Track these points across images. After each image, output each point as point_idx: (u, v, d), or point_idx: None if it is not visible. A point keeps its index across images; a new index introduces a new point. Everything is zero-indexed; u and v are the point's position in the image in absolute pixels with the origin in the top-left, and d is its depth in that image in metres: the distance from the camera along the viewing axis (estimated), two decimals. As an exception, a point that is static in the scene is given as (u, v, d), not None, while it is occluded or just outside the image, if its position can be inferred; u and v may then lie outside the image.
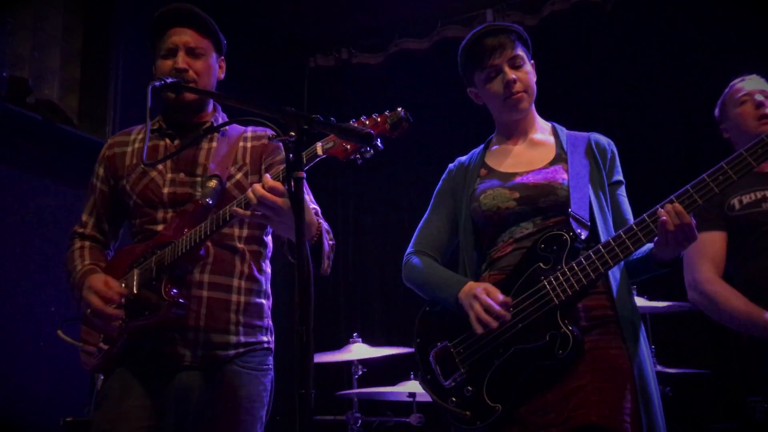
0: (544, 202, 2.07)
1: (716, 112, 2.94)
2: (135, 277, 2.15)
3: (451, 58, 2.47)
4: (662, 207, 1.87)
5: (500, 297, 1.98)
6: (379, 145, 1.72)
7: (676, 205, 1.84)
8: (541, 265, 1.99)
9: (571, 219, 2.01)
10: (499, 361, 1.98)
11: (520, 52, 2.21)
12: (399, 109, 1.74)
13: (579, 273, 1.93)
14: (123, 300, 2.11)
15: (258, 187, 1.86)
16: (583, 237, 1.99)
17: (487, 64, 2.19)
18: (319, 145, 1.81)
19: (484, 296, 1.98)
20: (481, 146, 2.36)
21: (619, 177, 2.21)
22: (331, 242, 2.11)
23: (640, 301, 3.52)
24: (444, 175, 2.37)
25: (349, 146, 1.77)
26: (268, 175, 1.89)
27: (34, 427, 3.35)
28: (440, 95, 5.25)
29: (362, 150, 1.76)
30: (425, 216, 2.36)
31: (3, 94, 3.28)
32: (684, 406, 3.82)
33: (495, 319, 1.96)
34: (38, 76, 3.94)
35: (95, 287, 2.12)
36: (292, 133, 1.48)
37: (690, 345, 4.24)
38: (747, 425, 3.35)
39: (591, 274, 1.92)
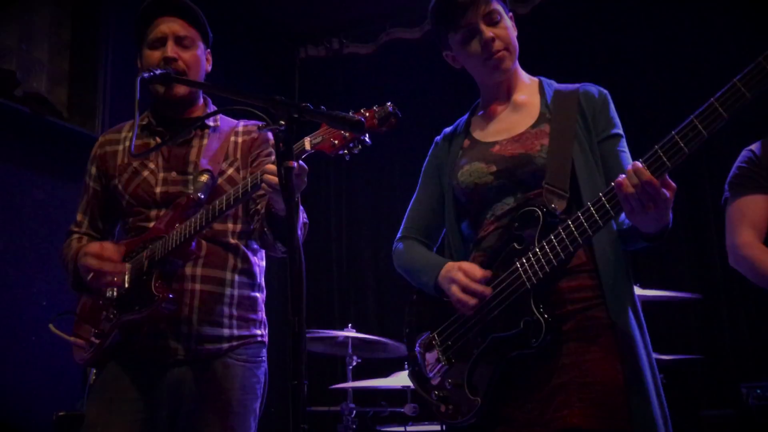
0: (521, 174, 1.88)
1: None
2: (126, 272, 2.14)
3: (443, 46, 2.42)
4: None
5: (478, 273, 1.82)
6: (367, 140, 1.71)
7: (636, 163, 1.60)
8: (515, 245, 1.81)
9: (545, 191, 1.82)
10: (478, 351, 1.83)
11: (496, 6, 1.98)
12: (387, 103, 1.71)
13: (549, 253, 1.73)
14: (121, 258, 2.12)
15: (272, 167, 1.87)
16: (558, 212, 1.78)
17: (461, 23, 1.97)
18: (307, 139, 1.79)
19: (460, 275, 1.82)
20: (467, 114, 2.18)
21: (616, 130, 1.95)
22: (305, 220, 2.10)
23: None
24: (431, 149, 2.20)
25: (336, 141, 1.75)
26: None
27: (26, 421, 3.34)
28: (432, 85, 5.24)
29: (350, 145, 1.75)
30: (414, 196, 2.21)
31: (-10, 87, 3.25)
32: (678, 393, 3.84)
33: (473, 297, 1.80)
34: (26, 69, 3.90)
35: (91, 251, 2.14)
36: (282, 122, 1.46)
37: (682, 331, 4.27)
38: (741, 412, 3.38)
39: (560, 253, 1.72)
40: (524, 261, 1.77)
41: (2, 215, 3.49)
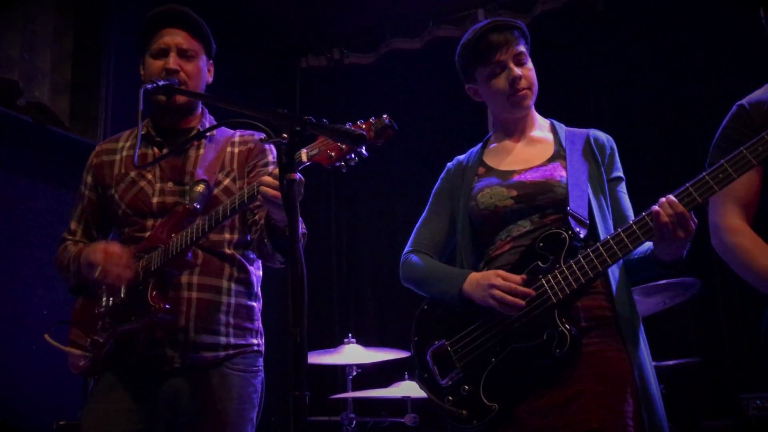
0: (541, 200, 2.06)
1: None
2: (139, 268, 2.14)
3: (443, 57, 2.47)
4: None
5: (517, 277, 1.97)
6: (364, 152, 1.72)
7: (670, 196, 1.83)
8: (540, 263, 1.98)
9: (569, 217, 2.00)
10: (496, 359, 1.96)
11: (524, 48, 2.20)
12: (384, 116, 1.73)
13: (577, 272, 1.92)
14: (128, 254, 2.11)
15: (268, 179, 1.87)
16: (582, 235, 1.98)
17: (493, 60, 2.16)
18: (304, 151, 1.81)
19: (499, 280, 1.96)
20: (479, 145, 2.34)
21: (619, 173, 2.19)
22: (303, 230, 2.09)
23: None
24: (442, 174, 2.35)
25: (333, 153, 1.77)
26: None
27: (27, 430, 3.33)
28: (432, 95, 5.26)
29: (347, 157, 1.76)
30: (423, 215, 2.34)
31: (-7, 97, 3.26)
32: (678, 402, 3.83)
33: (521, 299, 1.94)
34: (29, 78, 3.92)
35: (97, 247, 2.13)
36: (285, 135, 1.48)
37: (682, 338, 4.25)
38: (741, 422, 3.37)
39: (589, 272, 1.91)
40: (550, 278, 1.95)
41: (3, 224, 3.49)
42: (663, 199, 1.83)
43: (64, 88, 4.13)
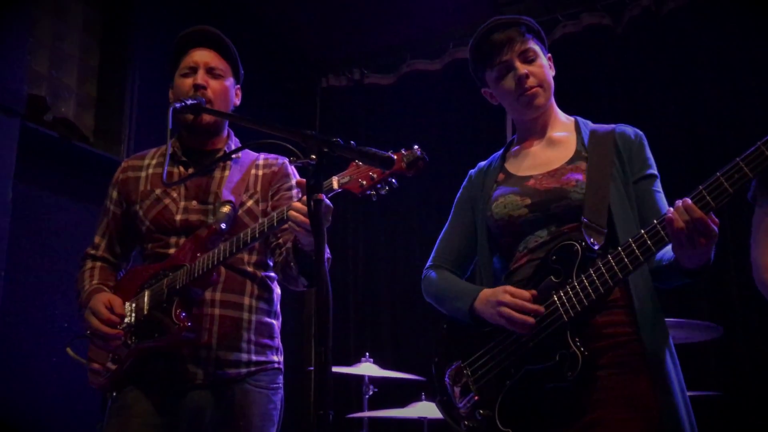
0: (556, 208, 1.92)
1: None
2: (146, 298, 2.17)
3: (463, 79, 2.44)
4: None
5: (526, 294, 1.83)
6: (395, 182, 1.73)
7: (686, 199, 1.64)
8: (552, 278, 1.84)
9: (582, 227, 1.85)
10: (510, 382, 1.85)
11: (533, 45, 2.06)
12: (415, 147, 1.73)
13: (588, 287, 1.76)
14: (123, 323, 2.14)
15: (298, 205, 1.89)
16: (596, 246, 1.81)
17: (497, 61, 2.04)
18: (335, 179, 1.82)
19: (508, 297, 1.83)
20: (502, 149, 2.22)
21: (651, 171, 1.99)
22: (328, 255, 2.11)
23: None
24: (464, 182, 2.24)
25: (365, 182, 1.78)
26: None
27: (46, 443, 3.35)
28: (452, 116, 5.27)
29: (377, 186, 1.77)
30: (445, 227, 2.24)
31: (23, 112, 3.31)
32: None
33: (529, 316, 1.80)
34: (55, 94, 3.98)
35: (95, 308, 2.16)
36: (313, 156, 1.50)
37: (702, 370, 4.19)
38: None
39: (600, 288, 1.74)
40: (562, 294, 1.80)
41: (28, 236, 3.53)
42: (679, 203, 1.64)
43: (89, 104, 4.18)
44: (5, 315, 3.14)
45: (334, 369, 3.94)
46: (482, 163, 2.24)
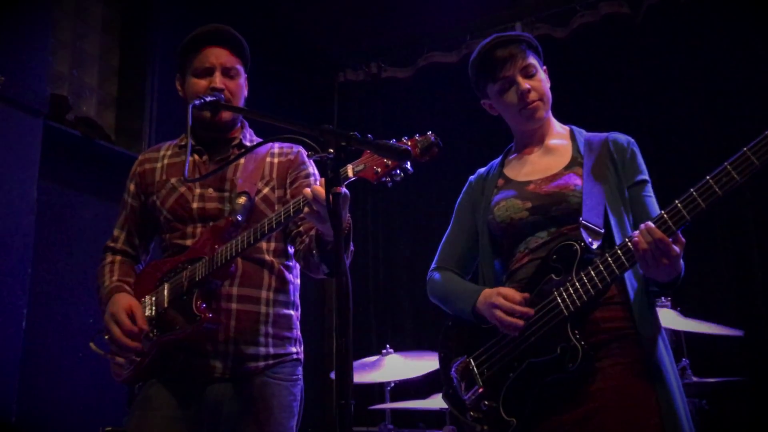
0: (556, 211, 2.03)
1: None
2: (165, 292, 2.19)
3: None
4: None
5: (518, 296, 1.96)
6: (409, 168, 1.73)
7: (649, 223, 1.78)
8: (553, 276, 1.96)
9: (581, 228, 1.97)
10: (514, 374, 1.96)
11: (532, 60, 2.17)
12: (429, 133, 1.72)
13: (587, 283, 1.88)
14: (144, 332, 2.14)
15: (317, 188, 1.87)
16: (594, 246, 1.94)
17: (500, 76, 2.15)
18: (350, 167, 1.82)
19: (502, 300, 1.96)
20: (500, 157, 2.33)
21: (642, 176, 2.11)
22: (351, 248, 2.10)
23: (672, 317, 3.47)
24: (464, 188, 2.35)
25: (379, 169, 1.78)
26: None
27: (73, 436, 3.41)
28: (470, 108, 5.25)
29: (393, 173, 1.77)
30: (447, 231, 2.35)
31: (46, 112, 3.36)
32: (721, 420, 3.76)
33: (520, 319, 1.93)
34: (77, 94, 4.04)
35: (117, 316, 2.14)
36: (331, 150, 1.51)
37: (727, 357, 4.16)
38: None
39: (598, 284, 1.87)
40: (562, 290, 1.93)
41: (52, 233, 3.59)
42: (642, 226, 1.78)
43: (110, 103, 4.24)
44: (32, 311, 3.19)
45: (356, 363, 3.96)
46: (481, 170, 2.35)
